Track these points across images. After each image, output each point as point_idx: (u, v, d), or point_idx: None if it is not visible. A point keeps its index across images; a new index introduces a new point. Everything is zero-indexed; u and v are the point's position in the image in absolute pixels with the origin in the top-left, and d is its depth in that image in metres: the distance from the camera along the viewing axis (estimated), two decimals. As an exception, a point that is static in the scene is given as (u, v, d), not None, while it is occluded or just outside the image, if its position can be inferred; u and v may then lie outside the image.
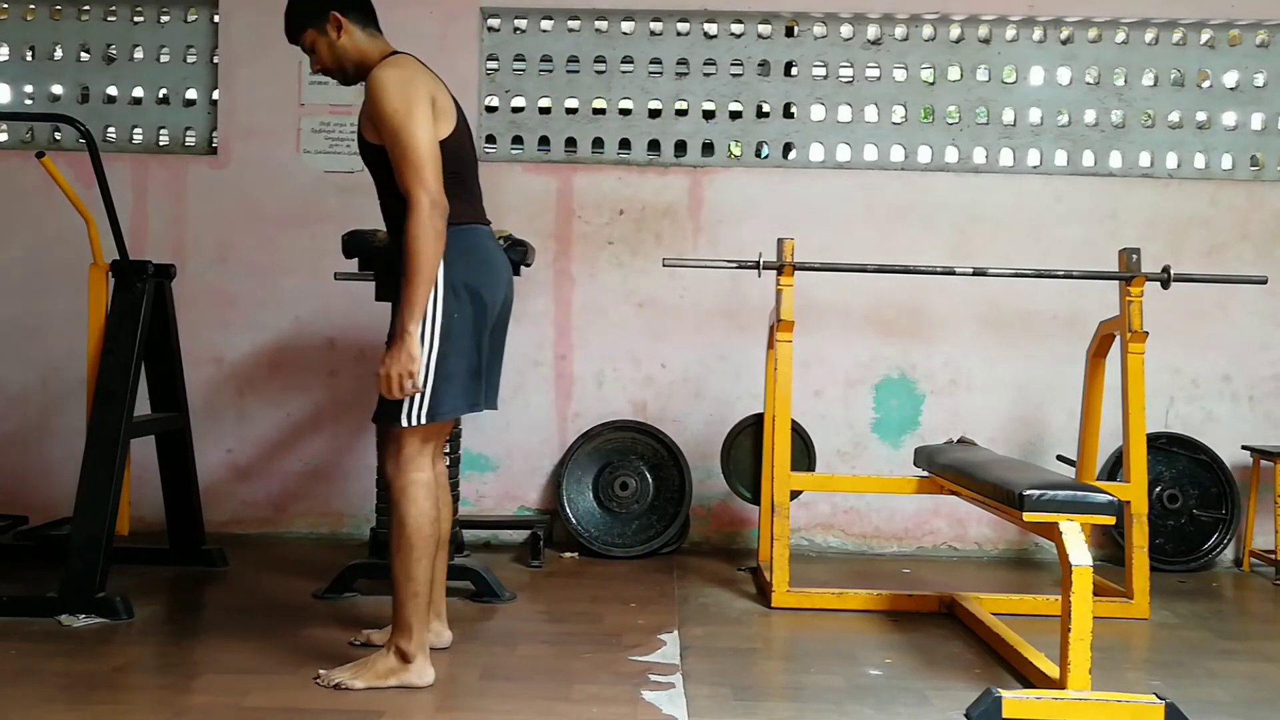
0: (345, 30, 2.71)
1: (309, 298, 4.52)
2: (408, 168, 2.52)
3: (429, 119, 2.56)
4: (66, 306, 4.38)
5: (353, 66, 2.74)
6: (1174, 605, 3.74)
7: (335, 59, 2.74)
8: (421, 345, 2.56)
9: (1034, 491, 2.68)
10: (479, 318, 2.67)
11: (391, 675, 2.63)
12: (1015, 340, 4.52)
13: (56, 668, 2.77)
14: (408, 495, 2.61)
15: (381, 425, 2.67)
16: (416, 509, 2.61)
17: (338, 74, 2.77)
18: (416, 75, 2.63)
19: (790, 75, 4.65)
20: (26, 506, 4.37)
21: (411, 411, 2.58)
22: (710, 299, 4.53)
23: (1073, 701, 2.53)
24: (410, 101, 2.55)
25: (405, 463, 2.62)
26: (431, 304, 2.58)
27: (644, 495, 4.40)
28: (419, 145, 2.52)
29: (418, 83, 2.60)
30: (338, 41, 2.71)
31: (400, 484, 2.62)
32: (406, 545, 2.61)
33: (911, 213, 4.53)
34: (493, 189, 4.52)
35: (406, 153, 2.52)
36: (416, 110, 2.55)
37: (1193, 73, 4.59)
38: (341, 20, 2.70)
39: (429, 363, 2.58)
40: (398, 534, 2.62)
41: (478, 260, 2.69)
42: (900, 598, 3.59)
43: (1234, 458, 4.42)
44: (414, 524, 2.60)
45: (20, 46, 4.71)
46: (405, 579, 2.62)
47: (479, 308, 2.66)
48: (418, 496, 2.62)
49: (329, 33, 2.71)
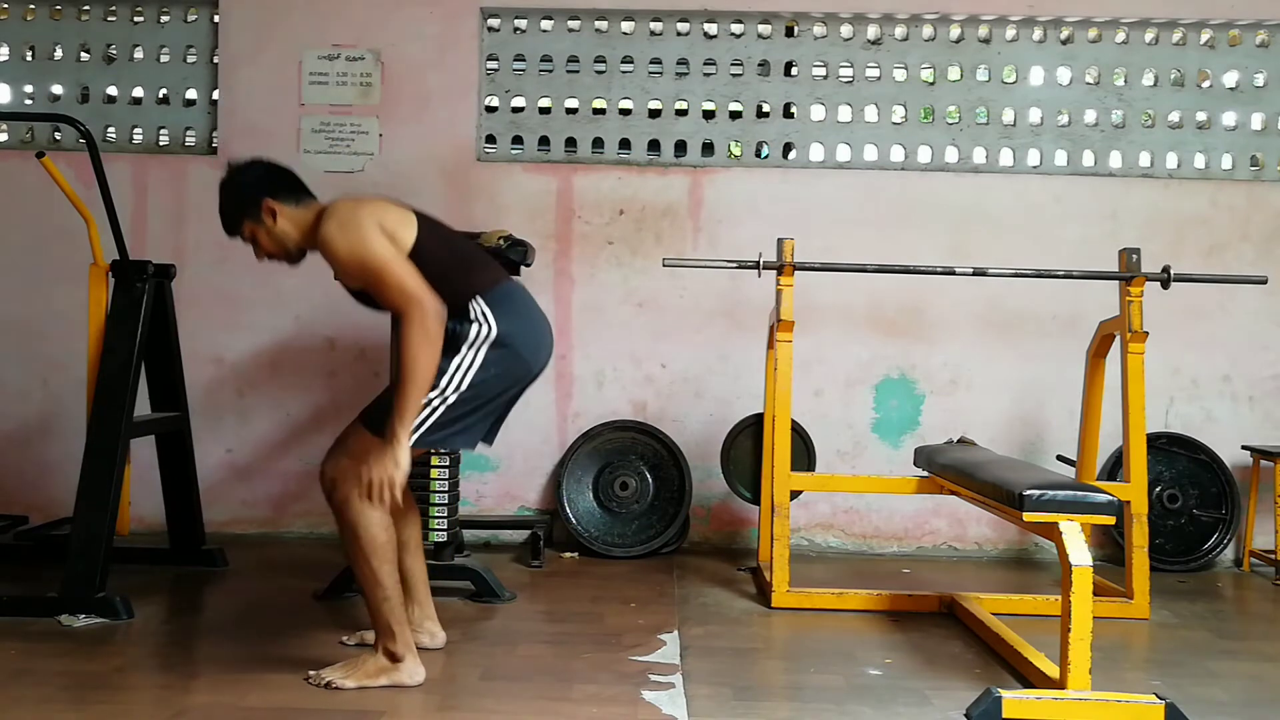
0: (280, 214, 2.70)
1: (309, 298, 4.52)
2: (389, 291, 2.52)
3: (384, 241, 2.56)
4: (66, 306, 4.38)
5: (295, 246, 2.74)
6: (1174, 605, 3.74)
7: (278, 243, 2.73)
8: (449, 383, 2.57)
9: (1034, 491, 2.68)
10: (516, 374, 2.69)
11: (382, 674, 2.64)
12: (1015, 340, 4.52)
13: (56, 668, 2.77)
14: (352, 505, 2.57)
15: (367, 429, 2.64)
16: (365, 518, 2.56)
17: (283, 256, 2.76)
18: (353, 212, 2.61)
19: (790, 75, 4.65)
20: (26, 506, 4.37)
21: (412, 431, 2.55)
22: (710, 299, 4.53)
23: (1073, 701, 2.53)
24: (360, 238, 2.54)
25: (354, 472, 2.56)
26: (474, 348, 2.59)
27: (644, 495, 4.40)
28: (388, 267, 2.52)
29: (358, 217, 2.58)
30: (275, 227, 2.70)
31: (344, 493, 2.57)
32: (363, 555, 2.59)
33: (911, 213, 4.53)
34: (493, 189, 4.56)
35: (382, 278, 2.52)
36: (369, 241, 2.54)
37: (1193, 73, 4.60)
38: (275, 206, 2.69)
39: (449, 399, 2.58)
40: (352, 545, 2.60)
41: (527, 322, 2.71)
42: (900, 598, 3.59)
43: (1234, 458, 4.42)
44: (366, 533, 2.57)
45: (20, 46, 4.71)
46: (372, 586, 2.61)
47: (520, 367, 2.68)
48: (363, 506, 2.56)
49: (265, 220, 2.70)
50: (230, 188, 2.75)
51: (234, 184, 2.75)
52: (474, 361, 2.61)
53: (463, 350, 2.61)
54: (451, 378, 2.59)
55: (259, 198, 2.69)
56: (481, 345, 2.62)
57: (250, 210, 2.70)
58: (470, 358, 2.61)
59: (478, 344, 2.62)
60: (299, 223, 2.71)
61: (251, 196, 2.70)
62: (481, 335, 2.63)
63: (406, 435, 2.49)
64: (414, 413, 2.50)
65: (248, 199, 2.71)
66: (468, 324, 2.63)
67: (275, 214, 2.69)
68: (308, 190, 2.77)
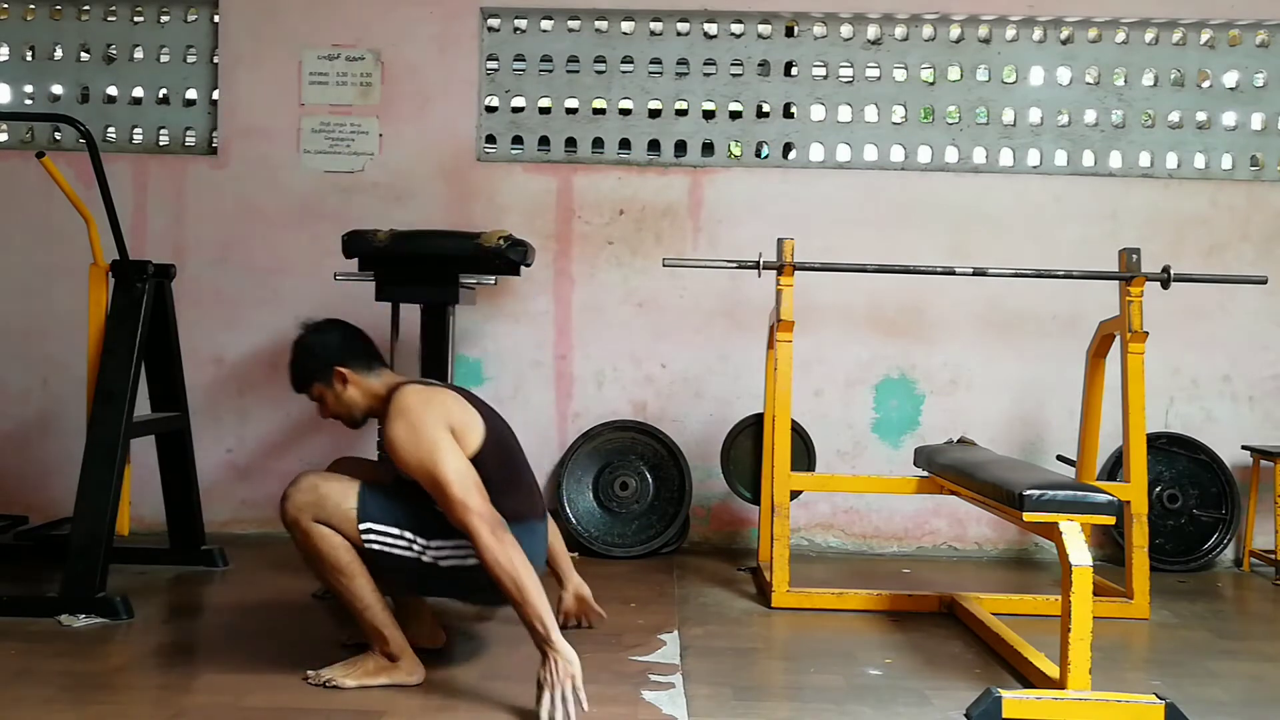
0: (351, 381, 2.69)
1: (309, 298, 4.51)
2: (453, 504, 2.47)
3: (454, 448, 2.52)
4: (66, 306, 4.38)
5: (361, 413, 2.73)
6: (1174, 605, 3.74)
7: (344, 408, 2.73)
8: (434, 550, 2.60)
9: (1034, 491, 2.68)
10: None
11: (381, 673, 2.65)
12: (1015, 340, 4.52)
13: (56, 668, 2.77)
14: (311, 536, 2.57)
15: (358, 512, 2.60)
16: (326, 544, 2.57)
17: (346, 420, 2.75)
18: (426, 410, 2.57)
19: (790, 75, 4.65)
20: (26, 506, 4.37)
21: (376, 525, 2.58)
22: (710, 299, 4.53)
23: (1073, 701, 2.53)
24: (431, 442, 2.50)
25: (305, 507, 2.57)
26: (470, 554, 2.56)
27: (644, 495, 4.40)
28: (455, 479, 2.48)
29: (427, 422, 2.54)
30: (344, 393, 2.70)
31: (304, 525, 2.57)
32: (334, 577, 2.60)
33: (911, 213, 4.53)
34: (492, 189, 4.57)
35: (446, 490, 2.48)
36: (440, 448, 2.50)
37: (1193, 73, 4.59)
38: (346, 374, 2.69)
39: (424, 559, 2.59)
40: (321, 569, 2.61)
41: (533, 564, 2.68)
42: (900, 598, 3.59)
43: (1234, 458, 4.42)
44: (330, 557, 2.57)
45: (20, 46, 4.71)
46: (350, 601, 2.62)
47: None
48: (322, 532, 2.57)
49: (335, 385, 2.70)
50: (304, 348, 2.73)
51: (308, 345, 2.73)
52: (464, 559, 2.59)
53: (461, 546, 2.58)
54: (440, 549, 2.60)
55: (332, 364, 2.69)
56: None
57: (322, 374, 2.70)
58: (462, 555, 2.59)
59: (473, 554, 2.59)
60: (368, 392, 2.70)
61: (325, 360, 2.69)
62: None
63: (556, 632, 2.46)
64: (543, 610, 2.44)
65: (321, 363, 2.70)
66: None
67: (346, 381, 2.69)
68: (380, 357, 2.77)
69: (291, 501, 2.59)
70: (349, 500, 2.58)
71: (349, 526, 2.57)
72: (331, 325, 2.77)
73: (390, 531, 2.59)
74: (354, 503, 2.58)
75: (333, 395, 2.71)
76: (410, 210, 4.51)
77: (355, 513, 2.57)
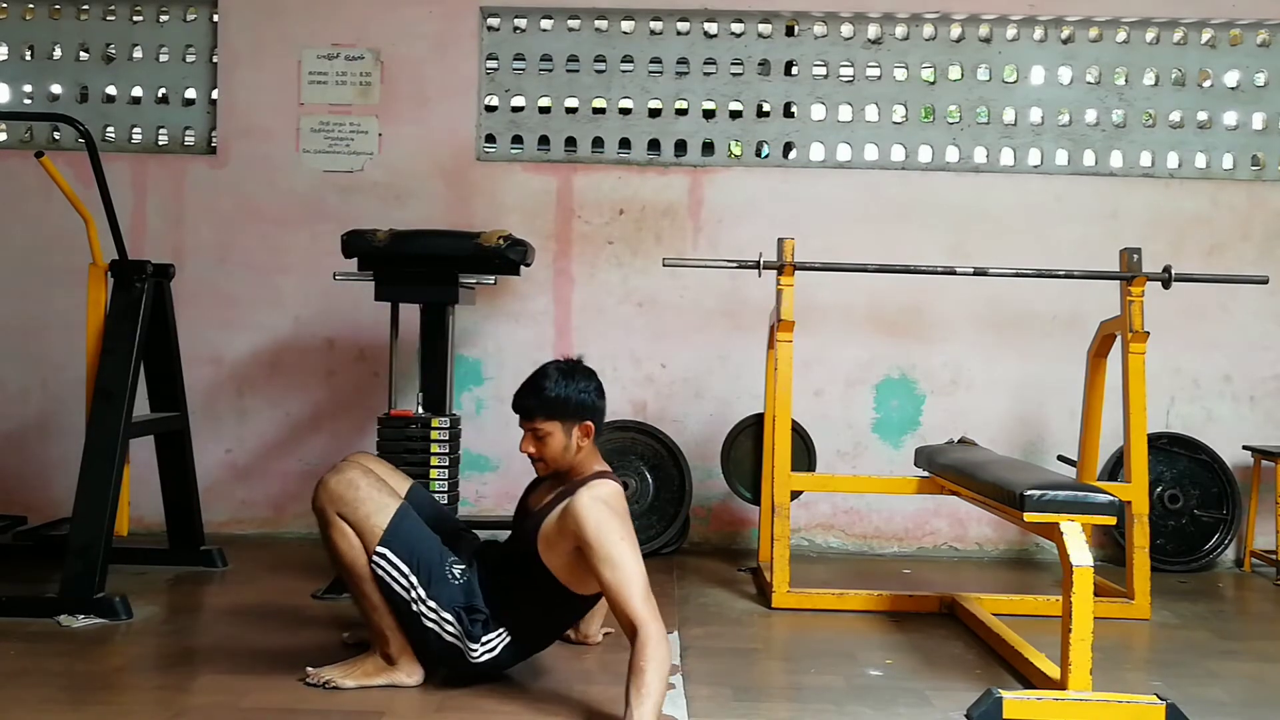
0: (588, 438, 2.68)
1: (309, 298, 4.52)
2: (633, 601, 2.43)
3: (636, 554, 2.51)
4: (66, 306, 4.38)
5: (565, 468, 2.70)
6: (1175, 606, 3.74)
7: (560, 456, 2.68)
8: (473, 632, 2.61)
9: (1035, 492, 2.67)
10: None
11: (380, 674, 2.65)
12: (1016, 340, 4.51)
13: (56, 668, 2.76)
14: (333, 532, 2.58)
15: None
16: (345, 541, 2.58)
17: (544, 465, 2.72)
18: (625, 511, 2.59)
19: (790, 75, 4.65)
20: (26, 506, 4.37)
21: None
22: (710, 299, 4.53)
23: (1073, 702, 2.53)
24: (624, 537, 2.50)
25: (337, 502, 2.58)
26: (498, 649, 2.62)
27: (644, 495, 4.40)
28: (642, 581, 2.46)
29: (628, 520, 2.56)
30: (572, 444, 2.67)
31: (328, 517, 2.58)
32: (347, 572, 2.62)
33: (912, 212, 4.52)
34: (492, 188, 4.56)
35: (623, 587, 2.43)
36: (632, 547, 2.50)
37: (1194, 72, 4.59)
38: (590, 430, 2.68)
39: (419, 612, 2.59)
40: (337, 566, 2.64)
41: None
42: (900, 598, 3.58)
43: (1235, 458, 4.41)
44: (347, 557, 2.59)
45: (19, 46, 4.71)
46: (360, 600, 2.64)
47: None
48: (341, 526, 2.58)
49: (573, 433, 2.67)
50: (573, 384, 2.68)
51: (579, 385, 2.68)
52: (442, 626, 2.60)
53: (449, 622, 2.60)
54: (430, 608, 2.60)
55: (588, 416, 2.67)
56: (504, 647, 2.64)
57: (574, 415, 2.66)
58: (443, 623, 2.60)
59: (501, 645, 2.63)
60: (586, 456, 2.70)
61: (587, 408, 2.67)
62: (503, 643, 2.64)
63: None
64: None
65: (582, 408, 2.67)
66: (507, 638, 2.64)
67: (587, 436, 2.68)
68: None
69: (327, 490, 2.59)
70: (381, 517, 2.59)
71: (368, 539, 2.58)
72: (595, 377, 2.74)
73: (400, 568, 2.58)
74: (384, 522, 2.58)
75: (563, 440, 2.66)
76: (410, 210, 4.50)
77: (381, 532, 2.57)
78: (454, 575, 2.63)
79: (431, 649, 2.63)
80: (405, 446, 3.57)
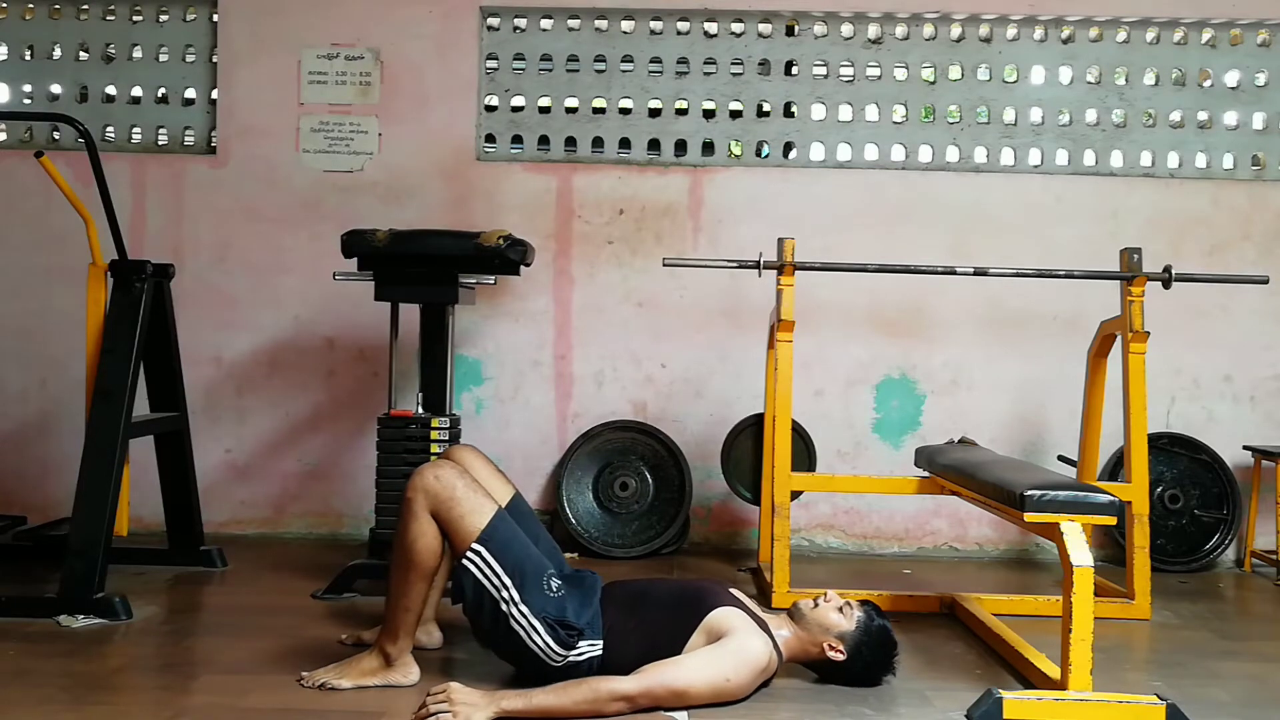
0: (836, 654, 2.73)
1: (309, 298, 4.52)
2: (667, 675, 2.49)
3: (721, 686, 2.55)
4: (66, 306, 4.38)
5: (813, 659, 2.78)
6: (1175, 606, 3.74)
7: (807, 647, 2.77)
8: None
9: (1035, 492, 2.67)
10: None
11: (377, 674, 2.64)
12: (1016, 340, 4.51)
13: (55, 668, 2.76)
14: (413, 517, 2.55)
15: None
16: (421, 535, 2.55)
17: (804, 655, 2.78)
18: (760, 659, 2.62)
19: (791, 74, 4.64)
20: (25, 506, 4.37)
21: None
22: (710, 299, 4.53)
23: (1074, 702, 2.52)
24: (728, 674, 2.54)
25: (429, 496, 2.55)
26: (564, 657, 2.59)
27: (644, 495, 4.40)
28: (695, 687, 2.51)
29: (753, 678, 2.61)
30: (826, 656, 2.74)
31: (414, 508, 2.55)
32: (405, 564, 2.58)
33: (912, 212, 4.52)
34: (492, 188, 4.56)
35: (682, 674, 2.51)
36: (724, 677, 2.54)
37: (1194, 72, 4.59)
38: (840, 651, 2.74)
39: (508, 613, 2.56)
40: (399, 550, 2.59)
41: None
42: (901, 598, 3.58)
43: (1235, 458, 4.41)
44: (412, 546, 2.55)
45: (19, 46, 4.71)
46: (400, 593, 2.60)
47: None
48: (424, 520, 2.54)
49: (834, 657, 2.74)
50: (882, 653, 2.74)
51: (889, 656, 2.75)
52: (529, 632, 2.57)
53: (536, 630, 2.57)
54: (522, 611, 2.56)
55: (877, 676, 2.76)
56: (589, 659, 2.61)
57: (860, 678, 2.74)
58: (530, 630, 2.57)
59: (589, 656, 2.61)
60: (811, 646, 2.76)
61: (877, 669, 2.75)
62: (595, 656, 2.62)
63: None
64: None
65: (872, 669, 2.74)
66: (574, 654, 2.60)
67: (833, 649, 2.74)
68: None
69: (422, 480, 2.56)
70: (479, 519, 2.55)
71: (461, 538, 2.54)
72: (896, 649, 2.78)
73: (493, 567, 2.54)
74: (481, 524, 2.55)
75: (830, 658, 2.73)
76: (409, 210, 4.50)
77: (478, 532, 2.54)
78: (550, 588, 2.59)
79: (512, 649, 2.60)
80: (405, 446, 3.58)
